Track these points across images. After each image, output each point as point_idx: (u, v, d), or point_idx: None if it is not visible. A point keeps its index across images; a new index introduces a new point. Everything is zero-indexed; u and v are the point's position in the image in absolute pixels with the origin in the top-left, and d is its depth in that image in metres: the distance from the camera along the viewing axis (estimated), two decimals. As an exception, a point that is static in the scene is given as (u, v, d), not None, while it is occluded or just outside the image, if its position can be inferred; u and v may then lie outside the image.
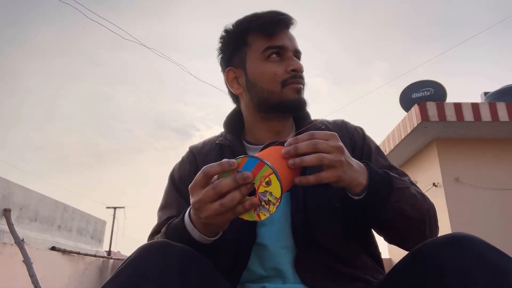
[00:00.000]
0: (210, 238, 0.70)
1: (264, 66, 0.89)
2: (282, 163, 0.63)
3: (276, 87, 0.87)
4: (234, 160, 0.60)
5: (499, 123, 5.72)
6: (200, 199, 0.61)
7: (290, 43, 0.90)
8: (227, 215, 0.61)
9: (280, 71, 0.87)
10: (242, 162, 0.60)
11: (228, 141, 0.94)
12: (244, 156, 0.60)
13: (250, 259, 0.83)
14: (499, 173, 5.96)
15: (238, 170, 0.60)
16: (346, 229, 0.82)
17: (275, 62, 0.88)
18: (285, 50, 0.89)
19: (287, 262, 0.81)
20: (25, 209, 4.39)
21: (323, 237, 0.80)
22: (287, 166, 0.64)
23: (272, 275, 0.82)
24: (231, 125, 0.98)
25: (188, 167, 0.96)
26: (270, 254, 0.82)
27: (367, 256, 0.86)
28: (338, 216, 0.82)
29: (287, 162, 0.64)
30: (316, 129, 0.91)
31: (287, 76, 0.87)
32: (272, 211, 0.59)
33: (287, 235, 0.82)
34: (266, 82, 0.88)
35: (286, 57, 0.89)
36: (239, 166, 0.60)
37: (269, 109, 0.90)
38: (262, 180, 0.59)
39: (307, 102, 0.90)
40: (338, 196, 0.81)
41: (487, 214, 5.76)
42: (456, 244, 0.56)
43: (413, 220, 0.75)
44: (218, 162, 0.60)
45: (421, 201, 0.77)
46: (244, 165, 0.60)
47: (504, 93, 6.36)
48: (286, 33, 0.91)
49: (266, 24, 0.89)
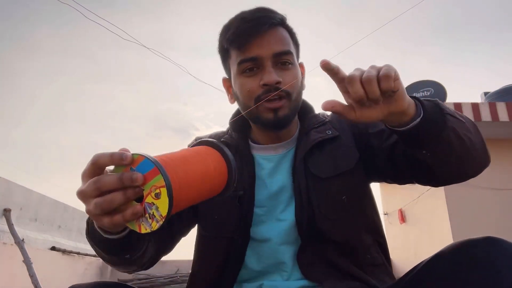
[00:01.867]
0: (112, 235, 0.60)
1: (240, 81, 0.83)
2: (188, 175, 0.54)
3: (251, 104, 0.82)
4: (130, 154, 0.51)
5: (499, 123, 5.72)
6: (82, 191, 0.51)
7: (265, 50, 0.80)
8: (105, 218, 0.51)
9: (253, 87, 0.81)
10: (138, 160, 0.51)
11: (233, 140, 0.92)
12: (141, 154, 0.50)
13: (248, 256, 0.83)
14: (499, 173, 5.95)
15: (132, 167, 0.51)
16: (355, 222, 0.82)
17: (249, 76, 0.82)
18: (259, 61, 0.81)
19: (288, 257, 0.81)
20: (25, 209, 4.39)
21: (330, 231, 0.79)
22: (193, 181, 0.55)
23: (270, 271, 0.82)
24: (237, 123, 0.94)
25: None
26: (270, 251, 0.82)
27: (378, 252, 0.85)
28: (345, 209, 0.81)
29: (199, 176, 0.56)
30: (318, 123, 0.90)
31: (261, 91, 0.80)
32: (154, 228, 0.50)
33: (290, 231, 0.81)
34: (243, 98, 0.84)
35: (260, 69, 0.81)
36: (134, 163, 0.51)
37: (253, 123, 0.89)
38: (152, 190, 0.49)
39: (287, 118, 0.82)
40: (344, 188, 0.81)
41: (487, 214, 5.76)
42: (491, 244, 0.57)
43: (473, 137, 0.69)
44: (110, 152, 0.51)
45: (472, 126, 0.71)
46: (139, 164, 0.50)
47: (504, 93, 6.36)
48: (260, 39, 0.81)
49: (234, 36, 0.82)
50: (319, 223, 0.79)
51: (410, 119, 0.64)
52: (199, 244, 0.91)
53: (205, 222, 0.88)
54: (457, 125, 0.66)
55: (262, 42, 0.81)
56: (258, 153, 0.90)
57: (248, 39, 0.81)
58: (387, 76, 0.56)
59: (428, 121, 0.64)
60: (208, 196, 0.61)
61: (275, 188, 0.85)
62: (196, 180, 0.55)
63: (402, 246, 6.81)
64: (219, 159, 0.63)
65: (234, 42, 0.82)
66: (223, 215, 0.84)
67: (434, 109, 0.66)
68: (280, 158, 0.88)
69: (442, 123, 0.65)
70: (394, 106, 0.60)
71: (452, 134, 0.65)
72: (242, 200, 0.84)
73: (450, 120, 0.66)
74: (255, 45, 0.81)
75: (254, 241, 0.83)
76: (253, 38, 0.81)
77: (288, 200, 0.84)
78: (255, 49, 0.81)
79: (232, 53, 0.85)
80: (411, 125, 0.64)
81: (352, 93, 0.58)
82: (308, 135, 0.87)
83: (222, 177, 0.62)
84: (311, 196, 0.81)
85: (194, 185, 0.55)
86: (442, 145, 0.66)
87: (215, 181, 0.61)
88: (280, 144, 0.89)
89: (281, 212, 0.83)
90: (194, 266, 0.91)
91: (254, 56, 0.80)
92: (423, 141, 0.66)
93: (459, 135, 0.66)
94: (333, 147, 0.86)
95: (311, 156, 0.84)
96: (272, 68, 0.80)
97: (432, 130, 0.64)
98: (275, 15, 0.84)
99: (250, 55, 0.81)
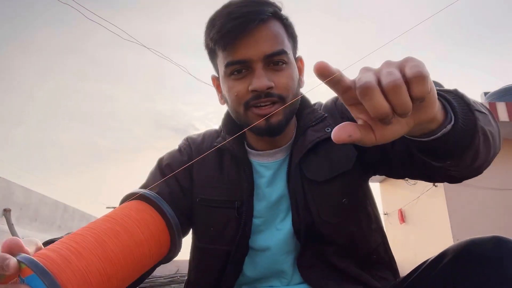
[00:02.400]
0: None
1: (228, 84, 0.75)
2: (101, 273, 0.45)
3: (240, 109, 0.74)
4: (15, 262, 0.40)
5: (499, 123, 5.72)
6: None
7: (254, 52, 0.71)
8: None
9: (242, 91, 0.73)
10: (27, 271, 0.41)
11: (228, 144, 0.82)
12: (30, 263, 0.40)
13: (246, 264, 0.80)
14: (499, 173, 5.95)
15: (21, 277, 0.41)
16: (359, 223, 0.79)
17: (237, 80, 0.74)
18: (248, 63, 0.72)
19: (288, 265, 0.79)
20: (25, 209, 4.39)
21: (332, 235, 0.76)
22: (110, 276, 0.46)
23: (269, 277, 0.81)
24: (231, 126, 0.85)
25: (180, 158, 0.87)
26: (269, 260, 0.79)
27: (386, 251, 0.83)
28: (347, 211, 0.77)
29: (121, 264, 0.47)
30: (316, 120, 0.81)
31: (249, 96, 0.73)
32: None
33: (289, 240, 0.79)
34: (232, 102, 0.76)
35: (249, 72, 0.73)
36: (23, 272, 0.41)
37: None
38: None
39: (280, 124, 0.74)
40: (344, 190, 0.77)
41: (487, 214, 5.76)
42: (498, 244, 0.56)
43: (494, 131, 0.58)
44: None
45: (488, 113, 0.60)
46: (29, 276, 0.41)
47: (504, 93, 6.36)
48: (248, 38, 0.71)
49: (218, 35, 0.72)
50: (320, 228, 0.76)
51: (438, 126, 0.48)
52: (194, 253, 0.87)
53: (200, 234, 0.84)
54: (484, 122, 0.54)
55: (250, 42, 0.71)
56: (255, 159, 0.83)
57: (234, 40, 0.71)
58: (419, 77, 0.38)
59: (460, 128, 0.49)
60: (141, 271, 0.52)
61: (274, 198, 0.80)
62: (114, 272, 0.46)
63: (402, 246, 6.81)
64: (153, 219, 0.53)
65: (218, 42, 0.73)
66: (219, 227, 0.79)
67: (463, 108, 0.52)
68: (278, 165, 0.82)
69: (473, 126, 0.51)
70: (424, 114, 0.44)
71: (481, 137, 0.53)
72: (240, 211, 0.78)
73: (479, 118, 0.53)
74: (242, 46, 0.71)
75: (253, 250, 0.80)
76: (240, 38, 0.71)
77: (287, 209, 0.80)
78: (243, 51, 0.71)
79: (218, 53, 0.77)
80: (439, 134, 0.48)
81: (371, 109, 0.39)
82: (305, 135, 0.80)
83: (157, 242, 0.52)
84: (308, 202, 0.76)
85: (112, 282, 0.46)
86: (470, 153, 0.53)
87: (148, 252, 0.51)
88: (278, 150, 0.82)
89: (280, 221, 0.80)
90: (190, 274, 0.88)
91: (242, 59, 0.72)
92: (450, 151, 0.52)
93: (487, 135, 0.55)
94: (329, 147, 0.80)
95: (306, 160, 0.78)
96: (262, 70, 0.72)
97: (464, 137, 0.51)
98: (266, 8, 0.73)
99: (238, 57, 0.72)
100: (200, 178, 0.83)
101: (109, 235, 0.47)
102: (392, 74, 0.39)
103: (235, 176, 0.81)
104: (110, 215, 0.51)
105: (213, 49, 0.78)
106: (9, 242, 0.43)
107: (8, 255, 0.41)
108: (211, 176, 0.82)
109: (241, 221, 0.78)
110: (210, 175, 0.83)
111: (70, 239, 0.46)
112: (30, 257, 0.41)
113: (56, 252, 0.43)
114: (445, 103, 0.50)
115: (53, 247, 0.44)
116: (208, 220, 0.81)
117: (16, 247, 0.43)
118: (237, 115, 0.77)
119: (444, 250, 0.62)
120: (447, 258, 0.60)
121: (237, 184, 0.80)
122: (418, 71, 0.38)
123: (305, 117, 0.83)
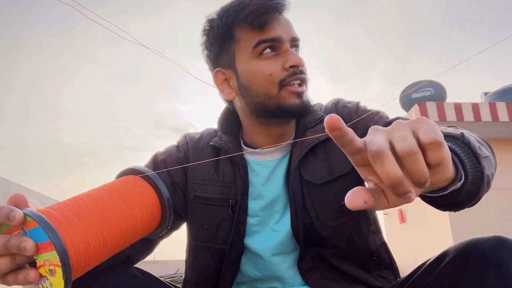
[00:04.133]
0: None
1: (257, 65, 0.74)
2: (98, 236, 0.47)
3: (273, 90, 0.74)
4: (20, 214, 0.43)
5: (499, 123, 5.72)
6: None
7: (285, 32, 0.75)
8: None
9: (276, 70, 0.74)
10: (31, 224, 0.43)
11: (223, 143, 0.83)
12: (35, 216, 0.43)
13: (244, 264, 0.80)
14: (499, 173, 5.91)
15: (25, 229, 0.44)
16: (358, 225, 0.78)
17: (269, 59, 0.74)
18: (280, 43, 0.74)
19: (286, 266, 0.79)
20: (25, 209, 4.39)
21: (331, 238, 0.76)
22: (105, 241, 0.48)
23: (269, 278, 0.80)
24: (227, 124, 0.86)
25: (176, 154, 0.87)
26: (266, 262, 0.79)
27: (387, 252, 0.83)
28: (346, 214, 0.76)
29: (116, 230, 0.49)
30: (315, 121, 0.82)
31: (285, 74, 0.74)
32: None
33: (286, 241, 0.78)
34: (261, 84, 0.74)
35: (282, 51, 0.75)
36: (27, 225, 0.44)
37: (268, 114, 0.77)
38: (46, 264, 0.43)
39: (310, 105, 0.77)
40: (343, 192, 0.74)
41: (487, 214, 5.76)
42: (500, 244, 0.56)
43: (494, 169, 0.62)
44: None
45: (489, 148, 0.63)
46: (33, 229, 0.43)
47: (504, 93, 6.35)
48: (279, 20, 0.75)
49: (254, 14, 0.73)
50: (319, 231, 0.76)
51: (448, 184, 0.47)
52: (190, 252, 0.87)
53: (195, 231, 0.84)
54: (488, 167, 0.55)
55: (282, 22, 0.76)
56: (252, 158, 0.83)
57: (270, 17, 0.74)
58: (436, 144, 0.36)
59: (469, 183, 0.51)
60: (131, 241, 0.54)
61: (269, 197, 0.80)
62: (109, 237, 0.48)
63: (402, 246, 6.81)
64: (148, 194, 0.55)
65: (254, 20, 0.73)
66: (214, 225, 0.79)
67: (471, 162, 0.52)
68: (276, 164, 0.82)
69: (480, 178, 0.52)
70: (438, 178, 0.41)
71: (486, 186, 0.54)
72: (234, 209, 0.78)
73: (485, 167, 0.53)
74: (276, 24, 0.74)
75: (249, 252, 0.80)
76: (274, 17, 0.74)
77: (283, 209, 0.79)
78: (277, 30, 0.74)
79: (242, 35, 0.76)
80: (448, 191, 0.48)
81: (383, 175, 0.36)
82: (304, 137, 0.80)
83: (150, 216, 0.55)
84: (307, 204, 0.76)
85: (107, 246, 0.48)
86: (475, 200, 0.56)
87: (140, 224, 0.53)
88: (276, 148, 0.82)
89: (276, 222, 0.79)
90: (187, 273, 0.87)
91: (276, 37, 0.74)
92: (458, 203, 0.53)
93: (489, 181, 0.56)
94: (328, 148, 0.79)
95: (305, 162, 0.79)
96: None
97: (471, 191, 0.52)
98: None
99: (271, 35, 0.73)
100: (194, 175, 0.83)
101: (108, 203, 0.50)
102: (406, 140, 0.36)
103: (230, 174, 0.81)
104: (111, 185, 0.54)
105: (231, 34, 0.76)
106: (15, 196, 0.45)
107: (14, 207, 0.43)
108: (206, 173, 0.83)
109: (235, 219, 0.78)
110: (205, 173, 0.83)
111: (73, 202, 0.48)
112: (36, 211, 0.44)
113: (59, 211, 0.46)
114: (456, 161, 0.49)
115: (56, 207, 0.47)
116: (202, 218, 0.81)
117: (22, 201, 0.45)
118: (268, 97, 0.75)
119: (445, 250, 0.62)
120: (448, 258, 0.60)
121: (232, 182, 0.80)
122: (434, 137, 0.36)
123: (304, 118, 0.83)
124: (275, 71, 0.73)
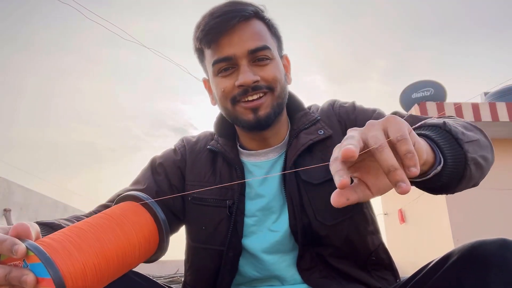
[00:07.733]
0: None
1: (215, 82, 0.79)
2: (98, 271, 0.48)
3: (228, 105, 0.78)
4: (23, 248, 0.44)
5: (499, 123, 5.73)
6: None
7: (238, 48, 0.75)
8: None
9: (228, 87, 0.76)
10: (33, 258, 0.44)
11: (220, 146, 0.85)
12: (37, 251, 0.43)
13: (243, 265, 0.80)
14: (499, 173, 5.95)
15: (26, 262, 0.45)
16: (356, 225, 0.79)
17: (224, 76, 0.77)
18: (234, 60, 0.75)
19: (285, 266, 0.79)
20: (25, 209, 4.39)
21: (329, 237, 0.77)
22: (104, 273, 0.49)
23: (268, 277, 0.80)
24: (223, 128, 0.88)
25: (173, 157, 0.89)
26: (265, 262, 0.79)
27: (385, 252, 0.84)
28: (343, 214, 0.77)
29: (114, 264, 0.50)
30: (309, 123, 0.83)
31: (236, 91, 0.76)
32: None
33: (284, 241, 0.79)
34: (220, 99, 0.80)
35: (237, 68, 0.76)
36: (29, 258, 0.44)
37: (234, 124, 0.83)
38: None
39: (268, 117, 0.77)
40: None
41: (487, 214, 5.76)
42: (505, 247, 0.55)
43: (486, 153, 0.63)
44: (2, 235, 0.45)
45: (479, 133, 0.65)
46: (34, 263, 0.44)
47: (504, 93, 6.35)
48: (231, 36, 0.75)
49: (203, 34, 0.76)
50: (317, 230, 0.76)
51: (429, 168, 0.53)
52: (189, 253, 0.88)
53: (194, 233, 0.85)
54: (474, 150, 0.58)
55: (233, 39, 0.75)
56: (248, 159, 0.84)
57: (217, 37, 0.75)
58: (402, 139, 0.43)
59: (450, 166, 0.54)
60: (128, 269, 0.55)
61: (266, 198, 0.80)
62: (107, 268, 0.49)
63: (402, 246, 6.81)
64: (146, 222, 0.56)
65: (203, 40, 0.76)
66: (212, 226, 0.80)
67: (452, 145, 0.55)
68: (271, 164, 0.83)
69: (463, 160, 0.56)
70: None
71: (472, 167, 0.57)
72: (231, 210, 0.79)
73: (469, 150, 0.57)
74: (226, 42, 0.75)
75: (247, 252, 0.80)
76: (223, 35, 0.75)
77: (280, 209, 0.80)
78: (227, 48, 0.75)
79: (206, 53, 0.81)
80: (431, 175, 0.53)
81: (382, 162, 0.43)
82: (298, 138, 0.81)
83: (147, 244, 0.55)
84: (304, 204, 0.77)
85: (104, 277, 0.49)
86: (463, 182, 0.58)
87: (138, 253, 0.54)
88: (270, 149, 0.83)
89: (273, 222, 0.80)
90: (186, 275, 0.88)
91: (228, 56, 0.75)
92: (444, 186, 0.57)
93: (478, 163, 0.59)
94: (324, 148, 0.80)
95: (302, 162, 0.79)
96: (248, 66, 0.75)
97: (455, 173, 0.55)
98: (247, 7, 0.77)
99: (223, 54, 0.75)
100: (192, 177, 0.85)
101: (107, 233, 0.50)
102: (377, 138, 0.44)
103: (227, 175, 0.82)
104: (109, 213, 0.54)
105: (201, 50, 0.82)
106: (18, 227, 0.46)
107: (18, 240, 0.44)
108: (203, 175, 0.84)
109: (232, 219, 0.79)
110: (202, 175, 0.84)
111: (72, 232, 0.49)
112: (38, 246, 0.44)
113: (59, 243, 0.46)
114: (433, 146, 0.54)
115: (56, 238, 0.47)
116: (201, 219, 0.82)
117: (24, 233, 0.46)
118: (226, 111, 0.80)
119: (450, 252, 0.62)
120: (452, 259, 0.60)
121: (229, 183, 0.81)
122: (401, 134, 0.43)
123: (297, 121, 0.84)
124: (227, 88, 0.77)
